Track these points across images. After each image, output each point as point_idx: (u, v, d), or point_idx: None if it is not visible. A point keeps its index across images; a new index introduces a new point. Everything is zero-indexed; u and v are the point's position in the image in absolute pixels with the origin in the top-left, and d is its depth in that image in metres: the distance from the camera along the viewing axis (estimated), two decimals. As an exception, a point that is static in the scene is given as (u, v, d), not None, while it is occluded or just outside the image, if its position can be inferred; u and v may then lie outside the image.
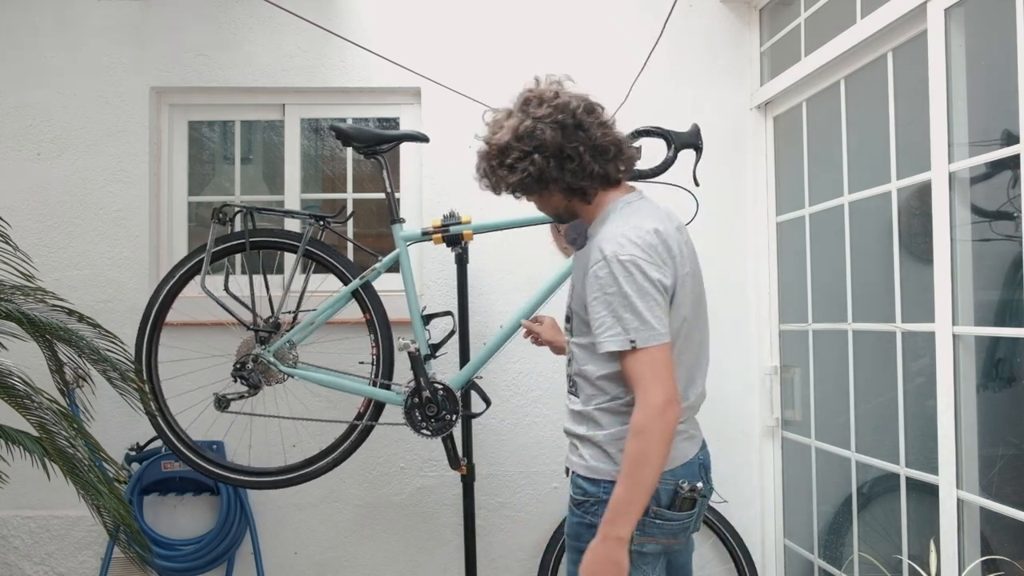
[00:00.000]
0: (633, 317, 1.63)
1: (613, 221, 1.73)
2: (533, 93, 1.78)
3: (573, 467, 1.81)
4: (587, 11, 3.09)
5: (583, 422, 1.79)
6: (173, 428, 2.56)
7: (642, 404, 1.62)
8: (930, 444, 2.10)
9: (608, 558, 1.62)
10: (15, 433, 2.22)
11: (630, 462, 1.62)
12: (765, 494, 3.02)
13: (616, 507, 1.62)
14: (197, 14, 3.08)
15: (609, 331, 1.65)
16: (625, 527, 1.62)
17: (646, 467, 1.61)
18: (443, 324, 2.66)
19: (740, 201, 3.07)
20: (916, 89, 2.13)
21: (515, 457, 3.05)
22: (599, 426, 1.75)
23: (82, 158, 3.06)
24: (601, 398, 1.75)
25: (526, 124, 1.73)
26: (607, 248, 1.66)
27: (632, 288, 1.63)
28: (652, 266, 1.65)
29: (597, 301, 1.67)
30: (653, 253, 1.66)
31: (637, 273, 1.63)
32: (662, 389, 1.61)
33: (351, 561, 3.07)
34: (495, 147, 1.77)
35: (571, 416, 1.84)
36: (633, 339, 1.62)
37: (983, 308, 2.02)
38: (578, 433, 1.80)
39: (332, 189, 3.29)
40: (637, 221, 1.71)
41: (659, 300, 1.65)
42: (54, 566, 3.02)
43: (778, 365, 2.97)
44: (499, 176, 1.78)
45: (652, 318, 1.63)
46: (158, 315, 2.55)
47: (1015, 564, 1.90)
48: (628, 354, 1.64)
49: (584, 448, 1.78)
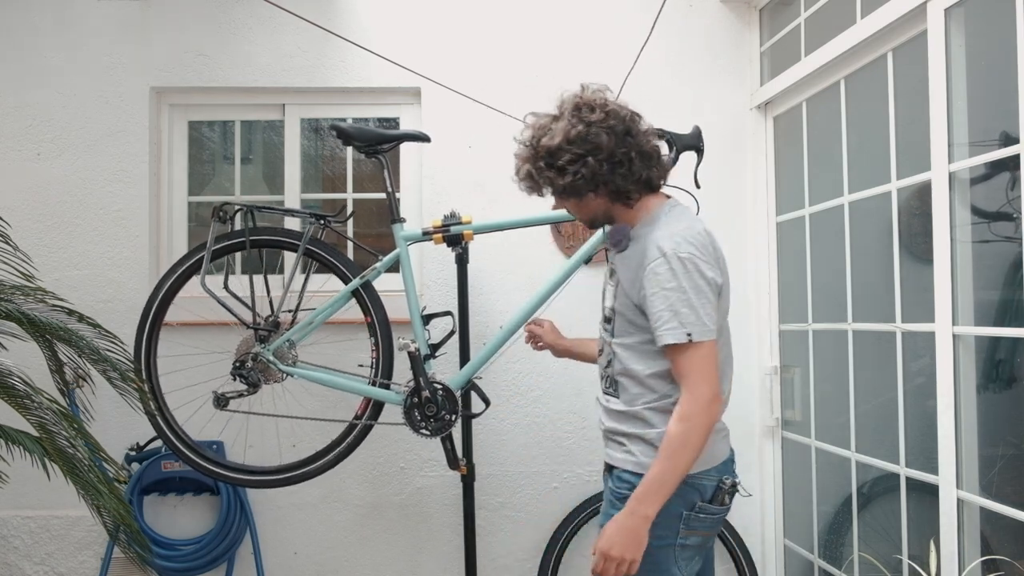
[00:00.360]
0: (690, 311, 1.70)
1: (665, 222, 1.80)
2: (584, 99, 1.83)
3: (618, 463, 1.86)
4: (587, 11, 3.09)
5: (628, 420, 1.84)
6: (173, 427, 2.56)
7: (690, 395, 1.70)
8: (930, 444, 2.11)
9: (633, 532, 1.69)
10: (15, 433, 2.21)
11: (671, 445, 1.69)
12: (765, 494, 3.02)
13: (649, 485, 1.70)
14: (197, 14, 3.08)
15: (666, 324, 1.72)
16: (653, 507, 1.70)
17: (684, 452, 1.69)
18: (443, 324, 2.66)
19: (740, 201, 3.07)
20: (916, 89, 2.13)
21: (515, 457, 3.05)
22: (650, 425, 1.81)
23: (82, 158, 3.06)
24: (649, 396, 1.81)
25: (579, 128, 1.78)
26: (666, 245, 1.73)
27: (689, 284, 1.71)
28: (706, 265, 1.74)
29: (655, 296, 1.73)
30: (706, 253, 1.76)
31: (694, 270, 1.72)
32: (710, 384, 1.71)
33: (351, 561, 3.07)
34: (544, 149, 1.81)
35: (612, 415, 1.89)
36: (690, 332, 1.70)
37: (983, 308, 2.02)
38: (625, 431, 1.84)
39: (332, 189, 3.29)
40: (689, 223, 1.80)
41: (711, 298, 1.74)
42: (54, 566, 3.02)
43: (778, 365, 2.97)
44: (547, 178, 1.82)
45: (705, 315, 1.72)
46: (157, 314, 2.55)
47: (1015, 564, 1.90)
48: (681, 347, 1.71)
49: (633, 445, 1.83)
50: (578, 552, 2.99)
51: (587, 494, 3.00)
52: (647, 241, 1.79)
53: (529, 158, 1.85)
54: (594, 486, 3.02)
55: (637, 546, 1.70)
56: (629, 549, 1.70)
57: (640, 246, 1.81)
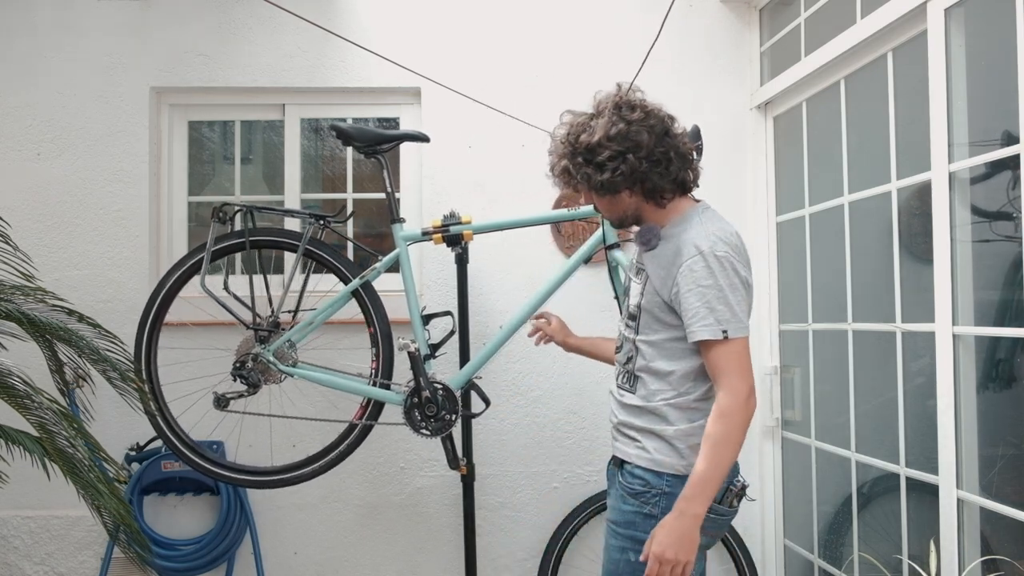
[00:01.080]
0: (726, 309, 1.73)
1: (700, 223, 1.82)
2: (623, 98, 1.85)
3: (630, 458, 1.86)
4: (587, 11, 3.09)
5: (644, 416, 1.85)
6: (173, 428, 2.56)
7: (729, 391, 1.72)
8: (930, 444, 2.11)
9: (686, 533, 1.70)
10: (15, 433, 2.21)
11: (713, 443, 1.71)
12: (765, 494, 3.02)
13: (696, 485, 1.70)
14: (197, 14, 3.08)
15: (702, 321, 1.74)
16: (702, 505, 1.70)
17: (727, 449, 1.71)
18: (443, 324, 2.66)
19: (740, 201, 3.07)
20: (916, 89, 2.13)
21: (515, 457, 3.05)
22: (667, 421, 1.82)
23: (82, 158, 3.06)
24: (669, 393, 1.82)
25: (620, 126, 1.79)
26: (703, 244, 1.75)
27: (726, 282, 1.74)
28: (741, 264, 1.78)
29: (691, 293, 1.75)
30: (740, 253, 1.80)
31: (730, 269, 1.75)
32: (747, 380, 1.74)
33: (351, 561, 3.07)
34: (583, 145, 1.81)
35: (626, 409, 1.89)
36: (725, 329, 1.72)
37: (983, 308, 2.02)
38: (639, 426, 1.85)
39: (332, 189, 3.29)
40: (722, 224, 1.83)
41: (745, 296, 1.78)
42: (54, 566, 3.02)
43: (778, 365, 2.97)
44: (585, 174, 1.83)
45: (740, 312, 1.75)
46: (157, 314, 2.55)
47: (1015, 564, 1.90)
48: (717, 344, 1.73)
49: (648, 441, 1.83)
50: (578, 552, 2.99)
51: (587, 494, 3.00)
52: (681, 240, 1.80)
53: (566, 154, 1.85)
54: (594, 486, 3.02)
55: (691, 546, 1.70)
56: (684, 550, 1.70)
57: (673, 245, 1.82)
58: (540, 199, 3.01)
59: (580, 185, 1.87)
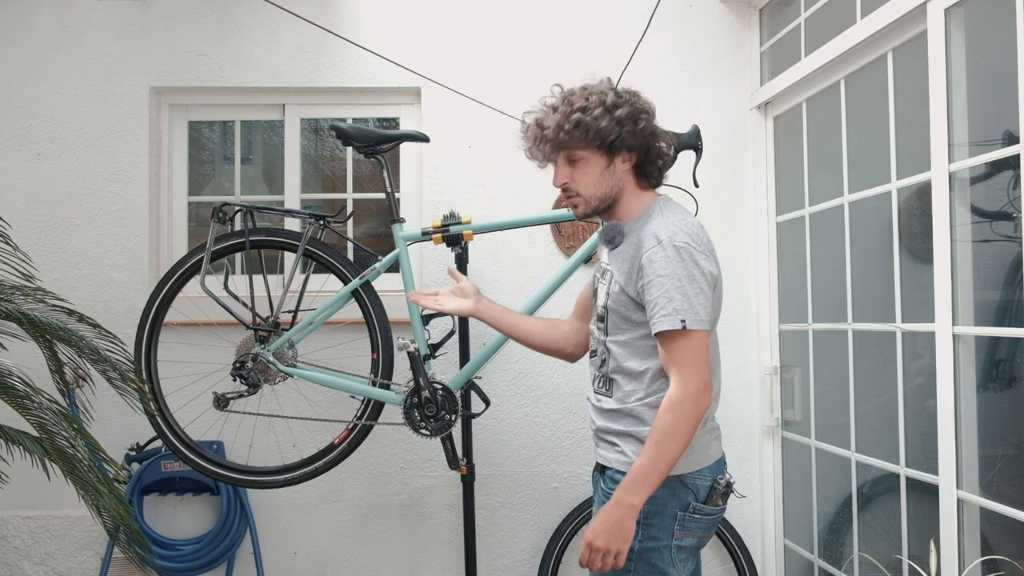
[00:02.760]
0: (683, 299, 1.69)
1: (660, 215, 1.80)
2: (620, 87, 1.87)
3: (611, 463, 1.83)
4: (587, 11, 3.09)
5: (621, 418, 1.82)
6: (172, 428, 2.56)
7: (679, 384, 1.68)
8: (930, 444, 2.11)
9: (617, 522, 1.68)
10: (15, 433, 2.21)
11: (659, 435, 1.67)
12: (765, 494, 3.02)
13: (636, 475, 1.68)
14: (197, 14, 3.08)
15: (660, 312, 1.70)
16: (639, 496, 1.68)
17: (673, 442, 1.67)
18: (443, 324, 2.66)
19: (740, 201, 3.07)
20: (916, 89, 2.13)
21: (515, 457, 3.05)
22: (644, 422, 1.78)
23: (82, 158, 3.06)
24: (643, 393, 1.79)
25: (628, 95, 1.83)
26: (662, 234, 1.73)
27: (684, 272, 1.70)
28: (702, 256, 1.73)
29: (651, 284, 1.72)
30: (702, 244, 1.75)
31: (689, 260, 1.71)
32: (699, 374, 1.68)
33: (351, 561, 3.07)
34: (605, 100, 1.79)
35: (604, 414, 1.86)
36: (683, 319, 1.68)
37: (983, 308, 2.02)
38: (617, 430, 1.82)
39: (332, 189, 3.29)
40: (683, 215, 1.81)
41: (705, 289, 1.72)
42: (54, 566, 3.02)
43: (778, 365, 2.97)
44: (607, 126, 1.77)
45: (699, 304, 1.70)
46: (158, 314, 2.55)
47: (1015, 564, 1.90)
48: (674, 335, 1.69)
49: (627, 444, 1.80)
50: (578, 552, 2.98)
51: (587, 494, 3.00)
52: (642, 233, 1.79)
53: (580, 108, 1.79)
54: (594, 486, 3.02)
55: (622, 537, 1.69)
56: (614, 540, 1.69)
57: (635, 239, 1.80)
58: (540, 199, 3.01)
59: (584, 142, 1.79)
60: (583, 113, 1.79)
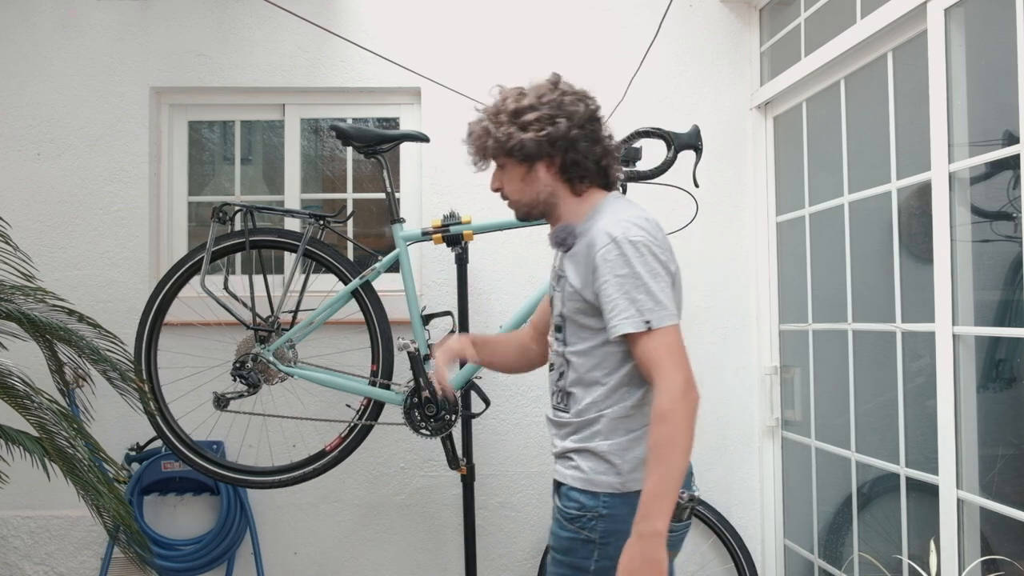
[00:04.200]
0: (647, 298, 1.58)
1: (610, 211, 1.70)
2: (560, 79, 1.81)
3: (565, 479, 1.70)
4: (586, 11, 3.09)
5: (578, 432, 1.70)
6: (172, 428, 2.56)
7: (663, 388, 1.55)
8: (930, 444, 2.11)
9: (647, 556, 1.52)
10: (15, 433, 2.22)
11: (658, 450, 1.54)
12: (765, 494, 3.02)
13: (649, 501, 1.53)
14: (197, 14, 3.08)
15: (622, 314, 1.58)
16: (661, 520, 1.52)
17: (675, 453, 1.53)
18: (443, 324, 2.66)
19: (740, 201, 3.07)
20: (916, 89, 2.13)
21: (515, 457, 3.05)
22: (601, 435, 1.66)
23: (82, 158, 3.06)
24: (602, 404, 1.67)
25: (554, 95, 1.73)
26: (615, 231, 1.62)
27: (644, 268, 1.59)
28: (660, 249, 1.63)
29: (608, 284, 1.60)
30: (657, 238, 1.65)
31: (647, 254, 1.60)
32: (681, 371, 1.56)
33: (351, 561, 3.07)
34: (511, 108, 1.74)
35: (561, 430, 1.74)
36: (648, 319, 1.57)
37: (983, 308, 2.02)
38: (574, 447, 1.70)
39: (332, 189, 3.29)
40: (636, 209, 1.71)
41: (667, 282, 1.62)
42: (54, 566, 3.02)
43: (778, 365, 2.97)
44: (505, 135, 1.72)
45: (664, 298, 1.59)
46: (157, 314, 2.55)
47: (1015, 564, 1.90)
48: (643, 337, 1.58)
49: (582, 460, 1.68)
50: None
51: (587, 494, 2.99)
52: (592, 232, 1.67)
53: (490, 116, 1.75)
54: (594, 486, 3.02)
55: (657, 568, 1.52)
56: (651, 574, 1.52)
57: (586, 239, 1.68)
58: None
59: (495, 151, 1.76)
60: (490, 120, 1.76)
